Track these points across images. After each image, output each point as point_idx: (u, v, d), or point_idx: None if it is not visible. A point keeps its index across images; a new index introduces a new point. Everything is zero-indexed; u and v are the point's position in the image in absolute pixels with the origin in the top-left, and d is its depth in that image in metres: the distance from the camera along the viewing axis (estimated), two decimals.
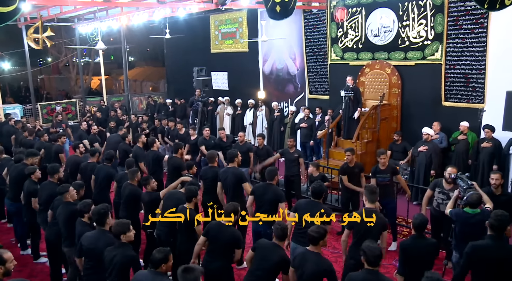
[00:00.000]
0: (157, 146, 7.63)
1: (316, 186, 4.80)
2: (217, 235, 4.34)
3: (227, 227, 4.38)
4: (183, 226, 4.83)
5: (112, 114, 12.80)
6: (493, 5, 4.47)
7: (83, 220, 4.62)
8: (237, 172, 5.90)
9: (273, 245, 4.06)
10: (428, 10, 8.72)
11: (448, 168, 5.56)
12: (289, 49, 11.90)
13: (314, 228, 3.91)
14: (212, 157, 6.29)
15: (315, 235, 3.84)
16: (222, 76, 13.99)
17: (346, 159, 6.76)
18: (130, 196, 5.69)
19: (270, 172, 5.34)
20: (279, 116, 11.90)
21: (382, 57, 9.69)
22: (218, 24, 13.89)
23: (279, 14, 4.19)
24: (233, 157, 6.00)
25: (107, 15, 12.33)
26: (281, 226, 4.06)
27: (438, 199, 5.62)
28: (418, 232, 4.12)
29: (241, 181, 5.82)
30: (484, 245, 3.83)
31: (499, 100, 7.82)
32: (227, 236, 4.33)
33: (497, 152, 7.77)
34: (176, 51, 15.40)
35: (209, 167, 6.28)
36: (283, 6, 4.13)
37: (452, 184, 5.47)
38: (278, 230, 4.04)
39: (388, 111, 9.50)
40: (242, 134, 8.59)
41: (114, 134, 9.60)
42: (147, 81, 23.52)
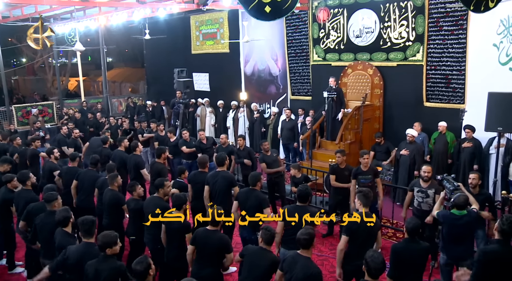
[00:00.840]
0: (139, 150, 7.43)
1: (302, 189, 4.73)
2: (205, 242, 4.23)
3: (213, 233, 4.27)
4: (173, 233, 4.69)
5: (90, 116, 12.50)
6: (478, 7, 4.49)
7: (65, 229, 4.37)
8: (227, 175, 5.79)
9: (260, 250, 3.97)
10: (409, 12, 8.78)
11: (423, 167, 5.70)
12: (271, 50, 11.83)
13: (303, 232, 3.82)
14: (204, 162, 6.15)
15: (307, 237, 3.75)
16: (204, 77, 13.83)
17: (337, 161, 6.72)
18: (111, 202, 5.50)
19: (253, 177, 5.24)
20: (259, 117, 11.82)
21: (364, 58, 9.71)
22: (199, 25, 13.72)
23: (270, 15, 4.05)
24: (222, 160, 5.88)
25: (84, 15, 12.03)
26: (269, 230, 3.97)
27: (418, 198, 5.67)
28: (411, 236, 4.08)
29: (232, 185, 5.71)
30: (493, 250, 3.81)
31: (480, 101, 7.87)
32: (215, 242, 4.21)
33: (478, 152, 7.88)
34: (156, 52, 15.15)
35: (199, 172, 6.14)
36: (275, 6, 3.98)
37: (428, 182, 5.57)
38: (266, 234, 3.94)
39: (370, 112, 9.53)
40: (225, 136, 8.48)
41: (95, 137, 9.35)
42: (126, 82, 23.10)
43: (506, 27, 7.76)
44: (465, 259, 4.46)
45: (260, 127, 11.69)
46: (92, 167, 6.62)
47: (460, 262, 4.48)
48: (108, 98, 15.78)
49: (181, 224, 4.69)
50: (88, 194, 6.40)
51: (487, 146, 7.87)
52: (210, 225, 4.32)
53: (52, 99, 17.16)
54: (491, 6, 4.53)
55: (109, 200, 5.53)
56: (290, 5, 4.07)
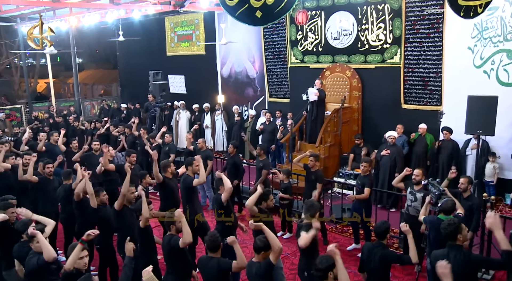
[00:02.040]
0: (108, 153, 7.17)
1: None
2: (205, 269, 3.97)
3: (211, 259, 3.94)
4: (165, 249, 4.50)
5: (60, 120, 12.07)
6: (467, 13, 4.52)
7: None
8: (187, 180, 5.75)
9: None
10: (386, 14, 8.83)
11: (415, 170, 5.68)
12: (248, 52, 11.71)
13: (260, 237, 3.80)
14: (165, 166, 5.99)
15: (260, 244, 3.74)
16: (179, 79, 13.57)
17: (309, 164, 6.71)
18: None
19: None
20: (239, 120, 11.68)
21: (342, 60, 9.72)
22: (174, 26, 13.46)
23: (261, 20, 3.93)
24: (188, 164, 5.84)
25: (54, 16, 11.59)
26: (212, 237, 3.89)
27: (407, 201, 5.68)
28: (380, 239, 4.07)
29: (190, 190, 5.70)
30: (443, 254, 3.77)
31: (456, 103, 8.02)
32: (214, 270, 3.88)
33: (455, 153, 8.00)
34: (130, 54, 14.76)
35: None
36: (266, 11, 3.86)
37: (418, 185, 5.55)
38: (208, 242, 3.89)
39: (349, 114, 9.54)
40: (202, 140, 8.29)
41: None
42: (98, 84, 22.54)
43: (479, 31, 7.91)
44: None
45: (240, 131, 11.55)
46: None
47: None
48: (80, 101, 15.29)
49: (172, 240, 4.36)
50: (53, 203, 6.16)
51: (464, 148, 8.01)
52: (210, 251, 3.98)
53: (20, 102, 16.49)
54: (479, 11, 4.58)
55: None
56: (283, 9, 3.94)
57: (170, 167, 6.00)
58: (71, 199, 5.48)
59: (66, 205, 5.81)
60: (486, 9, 4.65)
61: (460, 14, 4.51)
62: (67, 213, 5.81)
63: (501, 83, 7.79)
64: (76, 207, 5.45)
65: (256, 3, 3.85)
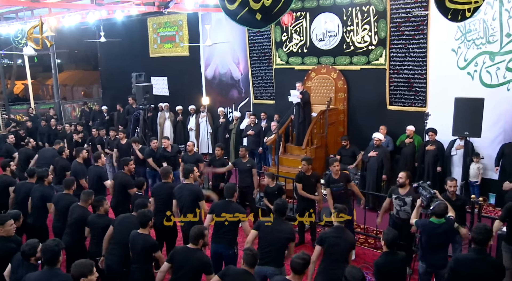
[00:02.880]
0: (102, 162, 6.97)
1: (279, 203, 4.57)
2: (184, 261, 3.96)
3: (194, 251, 4.02)
4: (139, 252, 4.38)
5: (43, 124, 11.74)
6: (455, 16, 4.53)
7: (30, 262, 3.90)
8: (193, 188, 5.49)
9: (244, 274, 3.74)
10: (371, 16, 8.86)
11: (400, 173, 5.67)
12: (233, 53, 11.62)
13: (299, 255, 3.61)
14: (166, 172, 5.82)
15: (301, 262, 3.55)
16: (162, 81, 13.38)
17: (302, 168, 6.59)
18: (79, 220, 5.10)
19: (229, 189, 5.01)
20: (224, 122, 11.57)
21: (328, 62, 9.71)
22: (157, 27, 13.26)
23: (261, 22, 3.88)
24: (188, 172, 5.56)
25: (32, 15, 11.25)
26: (251, 251, 3.75)
27: (396, 206, 5.63)
28: (390, 248, 4.02)
29: (198, 199, 5.41)
30: (467, 258, 3.84)
31: (441, 104, 8.10)
32: (196, 262, 3.96)
33: (441, 154, 8.08)
34: (112, 55, 14.47)
35: (163, 183, 5.81)
36: (265, 13, 3.81)
37: (404, 188, 5.54)
38: (248, 255, 3.71)
39: (335, 115, 9.55)
40: (192, 143, 8.17)
41: (47, 147, 8.72)
42: (78, 86, 22.08)
43: (463, 33, 8.00)
44: (444, 267, 4.48)
45: (225, 133, 11.44)
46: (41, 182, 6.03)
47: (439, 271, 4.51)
48: (61, 103, 14.92)
49: (147, 242, 4.40)
50: (38, 211, 5.89)
51: (449, 148, 8.08)
52: (190, 243, 4.06)
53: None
54: (467, 15, 4.59)
55: (78, 218, 5.12)
56: (281, 9, 3.90)
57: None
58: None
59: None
60: (474, 14, 4.67)
61: (447, 16, 4.51)
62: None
63: (484, 84, 7.90)
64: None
65: (255, 5, 3.78)
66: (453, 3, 4.44)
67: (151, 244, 4.42)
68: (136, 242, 4.39)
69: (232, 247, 4.86)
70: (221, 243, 4.91)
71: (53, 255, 3.60)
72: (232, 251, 4.85)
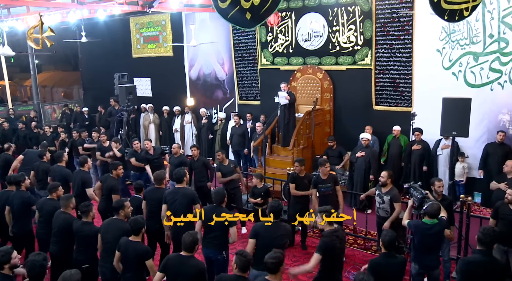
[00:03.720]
0: (88, 166, 6.75)
1: (274, 205, 4.48)
2: (178, 270, 3.84)
3: (188, 259, 3.90)
4: (131, 260, 4.24)
5: (20, 126, 11.41)
6: (452, 16, 4.51)
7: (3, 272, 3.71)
8: (188, 192, 5.34)
9: (236, 279, 3.64)
10: (357, 16, 8.86)
11: (382, 172, 5.73)
12: (217, 53, 11.50)
13: (271, 255, 3.58)
14: (161, 178, 5.65)
15: (274, 261, 3.52)
16: (145, 82, 13.17)
17: (295, 170, 6.54)
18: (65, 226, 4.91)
19: (219, 195, 4.88)
20: (206, 123, 11.44)
21: (313, 62, 9.69)
22: (139, 27, 13.04)
23: (251, 21, 3.81)
24: (181, 176, 5.39)
25: (9, 14, 10.91)
26: (244, 256, 3.65)
27: (377, 203, 5.74)
28: (388, 250, 3.97)
29: (193, 203, 5.28)
30: (475, 260, 3.85)
31: (427, 104, 8.16)
32: (191, 270, 3.84)
33: (427, 154, 8.13)
34: (93, 55, 14.16)
35: (155, 188, 5.64)
36: (254, 12, 3.76)
37: (385, 187, 5.60)
38: (241, 260, 3.61)
39: (321, 116, 9.53)
40: (177, 145, 8.03)
41: (30, 150, 8.43)
42: (58, 87, 21.58)
43: (447, 34, 8.07)
44: (437, 267, 4.47)
45: (208, 134, 11.32)
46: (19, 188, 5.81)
47: (432, 272, 4.49)
48: (40, 105, 14.54)
49: (139, 250, 4.25)
50: (21, 219, 5.69)
51: (435, 148, 8.14)
52: (184, 250, 3.94)
53: None
54: (465, 15, 4.57)
55: (63, 224, 4.93)
56: (269, 9, 3.84)
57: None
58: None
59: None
60: (473, 12, 4.66)
61: (443, 17, 4.49)
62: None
63: (468, 84, 7.98)
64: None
65: (245, 4, 3.73)
66: (449, 4, 4.42)
67: (144, 251, 4.27)
68: (128, 250, 4.24)
69: (221, 252, 4.75)
70: (210, 248, 4.81)
71: (40, 271, 3.47)
72: (221, 256, 4.74)
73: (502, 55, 7.59)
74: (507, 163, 5.87)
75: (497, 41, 7.60)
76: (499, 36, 7.56)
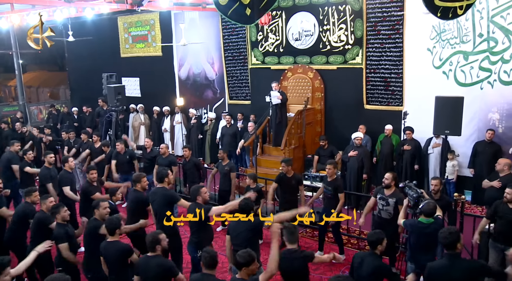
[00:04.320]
0: (69, 166, 6.61)
1: (242, 203, 4.53)
2: (146, 270, 3.89)
3: (153, 258, 3.91)
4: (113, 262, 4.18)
5: (3, 126, 11.16)
6: (445, 14, 4.49)
7: None
8: (166, 193, 5.27)
9: (202, 278, 3.64)
10: (347, 15, 8.85)
11: (386, 174, 5.57)
12: (207, 53, 11.40)
13: (239, 253, 3.59)
14: (137, 180, 5.52)
15: (240, 260, 3.51)
16: (134, 82, 13.00)
17: (282, 170, 6.47)
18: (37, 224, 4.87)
19: (193, 191, 4.95)
20: (196, 123, 11.34)
21: (304, 61, 9.66)
22: (128, 27, 12.87)
23: (251, 17, 3.77)
24: (162, 176, 5.33)
25: None
26: (209, 253, 3.64)
27: (379, 205, 5.60)
28: (373, 250, 3.93)
29: (172, 203, 5.24)
30: (439, 265, 3.73)
31: (417, 103, 8.19)
32: (157, 269, 3.87)
33: (418, 153, 8.15)
34: (80, 55, 13.93)
35: (134, 190, 5.53)
36: (253, 7, 3.73)
37: (389, 189, 5.47)
38: (206, 257, 3.61)
39: (312, 115, 9.49)
40: (165, 146, 7.92)
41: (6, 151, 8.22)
42: (44, 87, 21.20)
43: (438, 33, 8.11)
44: None
45: (197, 134, 11.21)
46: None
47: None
48: (26, 106, 14.26)
49: (119, 248, 4.18)
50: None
51: (426, 146, 8.17)
52: (149, 251, 3.95)
53: None
54: (459, 13, 4.57)
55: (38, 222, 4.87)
56: (267, 3, 3.81)
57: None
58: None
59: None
60: (467, 11, 4.66)
61: (436, 14, 4.47)
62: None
63: (459, 83, 8.02)
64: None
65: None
66: (443, 1, 4.41)
67: (124, 248, 4.21)
68: (108, 251, 4.18)
69: (197, 251, 4.77)
70: (190, 245, 4.90)
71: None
72: (197, 254, 4.77)
73: (491, 54, 7.64)
74: (500, 161, 5.90)
75: (486, 40, 7.65)
76: (488, 36, 7.61)
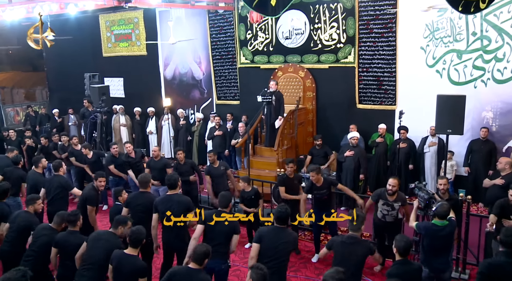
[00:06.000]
0: (63, 171, 6.26)
1: (281, 210, 4.21)
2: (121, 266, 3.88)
3: (197, 273, 3.65)
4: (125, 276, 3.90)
5: None
6: (467, 8, 4.36)
7: None
8: (183, 200, 4.97)
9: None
10: (339, 13, 8.73)
11: (390, 180, 5.38)
12: (194, 52, 11.11)
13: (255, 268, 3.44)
14: (146, 181, 5.26)
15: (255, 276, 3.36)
16: (117, 82, 12.58)
17: (287, 172, 6.32)
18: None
19: (225, 198, 4.57)
20: (185, 124, 11.03)
21: (295, 60, 9.49)
22: (110, 25, 12.44)
23: (276, 8, 3.58)
24: (175, 182, 5.03)
25: None
26: (261, 269, 3.36)
27: (383, 210, 5.44)
28: (403, 257, 3.77)
29: (188, 211, 4.90)
30: (499, 262, 3.69)
31: (412, 102, 8.12)
32: (130, 267, 3.85)
33: (412, 152, 8.10)
34: (60, 54, 13.35)
35: (140, 192, 5.25)
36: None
37: (394, 195, 5.33)
38: (258, 274, 3.32)
39: (303, 115, 9.34)
40: (157, 148, 7.66)
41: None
42: (19, 88, 20.40)
43: (431, 31, 8.07)
44: (447, 270, 4.33)
45: (186, 135, 10.92)
46: None
47: (442, 275, 4.35)
48: (2, 107, 13.64)
49: (136, 266, 3.90)
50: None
51: (421, 146, 8.11)
52: (193, 262, 3.70)
53: None
54: (482, 7, 4.44)
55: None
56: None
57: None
58: None
59: None
60: (490, 5, 4.55)
61: (458, 8, 4.34)
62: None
63: (452, 82, 8.00)
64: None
65: None
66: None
67: (141, 268, 3.93)
68: (123, 264, 3.89)
69: (225, 262, 4.45)
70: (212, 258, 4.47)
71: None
72: (225, 265, 4.46)
73: (485, 53, 7.63)
74: (501, 160, 5.87)
75: (480, 39, 7.64)
76: (481, 34, 7.61)
